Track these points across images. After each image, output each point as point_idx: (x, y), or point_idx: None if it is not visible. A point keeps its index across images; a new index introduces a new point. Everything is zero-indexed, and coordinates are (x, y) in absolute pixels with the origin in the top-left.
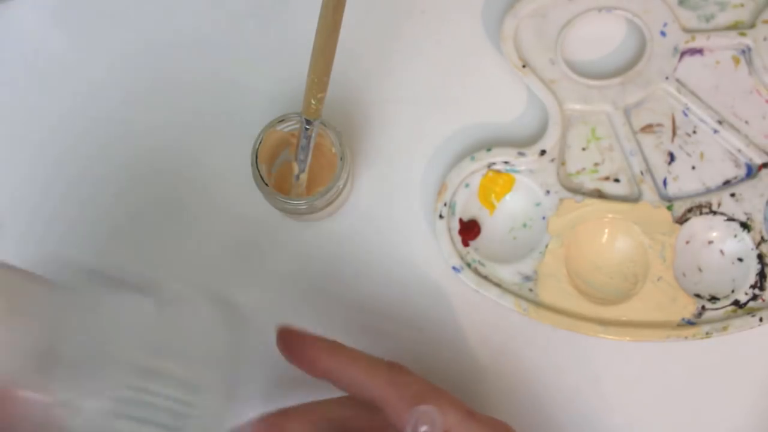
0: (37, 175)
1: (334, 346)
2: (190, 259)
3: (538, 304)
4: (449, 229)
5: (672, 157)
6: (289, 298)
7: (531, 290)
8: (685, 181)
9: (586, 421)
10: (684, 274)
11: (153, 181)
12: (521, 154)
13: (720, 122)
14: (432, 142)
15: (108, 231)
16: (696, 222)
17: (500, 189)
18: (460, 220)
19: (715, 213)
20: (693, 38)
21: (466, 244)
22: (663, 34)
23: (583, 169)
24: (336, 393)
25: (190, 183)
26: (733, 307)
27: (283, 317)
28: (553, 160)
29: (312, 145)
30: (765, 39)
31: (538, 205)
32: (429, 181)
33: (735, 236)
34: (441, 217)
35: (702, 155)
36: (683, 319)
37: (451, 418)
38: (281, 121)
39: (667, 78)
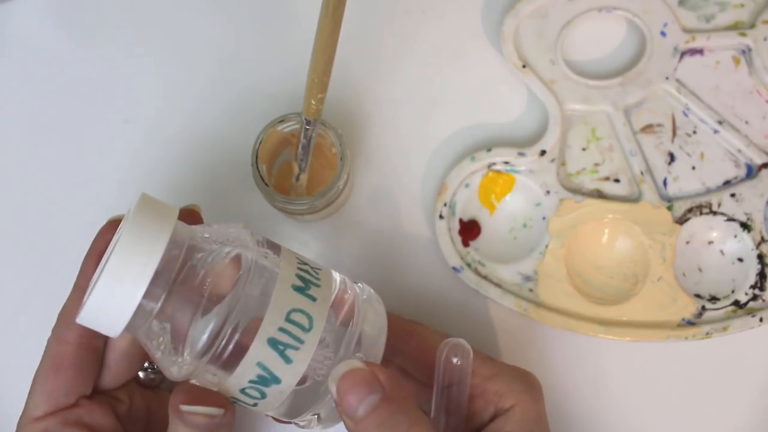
0: (35, 175)
1: None
2: None
3: (538, 304)
4: (449, 230)
5: (672, 158)
6: None
7: (531, 290)
8: (685, 181)
9: (586, 421)
10: (684, 275)
11: (151, 181)
12: (521, 154)
13: (720, 122)
14: (432, 142)
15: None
16: (696, 222)
17: (500, 189)
18: (460, 221)
19: (715, 213)
20: (693, 38)
21: (466, 244)
22: (663, 34)
23: (583, 169)
24: None
25: (189, 182)
26: (733, 308)
27: None
28: (553, 161)
29: (312, 145)
30: (765, 39)
31: (538, 205)
32: (429, 181)
33: (735, 236)
34: (441, 217)
35: (702, 155)
36: (683, 320)
37: (475, 357)
38: (281, 121)
39: (667, 78)
